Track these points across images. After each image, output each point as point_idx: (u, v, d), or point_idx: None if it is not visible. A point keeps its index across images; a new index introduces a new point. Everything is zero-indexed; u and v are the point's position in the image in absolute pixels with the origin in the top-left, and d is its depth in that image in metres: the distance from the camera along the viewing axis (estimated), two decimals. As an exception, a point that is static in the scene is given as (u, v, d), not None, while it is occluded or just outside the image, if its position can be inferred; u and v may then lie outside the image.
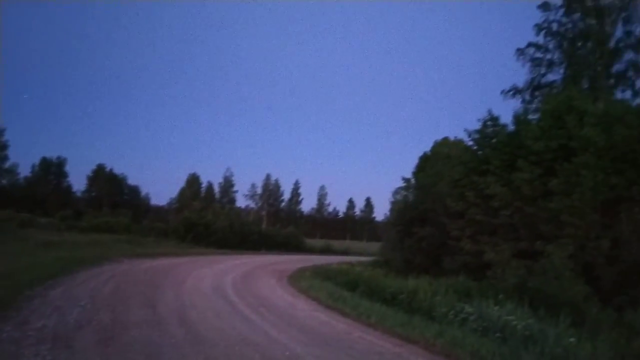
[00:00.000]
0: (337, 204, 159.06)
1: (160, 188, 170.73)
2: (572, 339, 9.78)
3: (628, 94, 26.19)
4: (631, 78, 26.44)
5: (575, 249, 16.34)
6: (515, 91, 28.60)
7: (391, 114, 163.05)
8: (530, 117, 23.14)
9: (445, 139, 35.45)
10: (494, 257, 18.57)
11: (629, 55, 26.53)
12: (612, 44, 26.61)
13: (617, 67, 26.71)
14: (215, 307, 12.45)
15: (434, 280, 17.66)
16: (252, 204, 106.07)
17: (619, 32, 26.63)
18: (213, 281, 17.94)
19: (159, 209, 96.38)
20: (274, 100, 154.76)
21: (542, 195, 18.18)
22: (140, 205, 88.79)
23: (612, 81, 26.73)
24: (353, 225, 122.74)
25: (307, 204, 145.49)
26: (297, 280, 20.21)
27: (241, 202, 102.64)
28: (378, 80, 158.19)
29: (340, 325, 11.31)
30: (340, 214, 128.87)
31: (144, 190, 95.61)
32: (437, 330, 10.53)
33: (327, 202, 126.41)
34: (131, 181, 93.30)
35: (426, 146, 37.48)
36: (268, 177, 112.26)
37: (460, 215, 21.29)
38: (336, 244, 66.44)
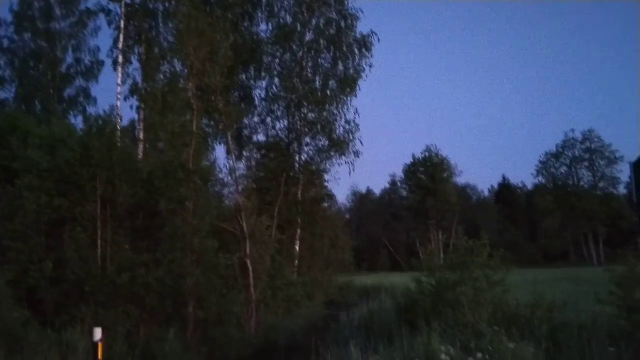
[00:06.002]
0: None
1: None
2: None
3: (80, 119, 27.37)
4: (82, 104, 27.81)
5: (18, 274, 15.72)
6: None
7: None
8: None
9: None
10: None
11: (80, 82, 27.86)
12: (63, 69, 27.38)
13: (69, 92, 27.63)
14: None
15: None
16: None
17: (70, 58, 27.66)
18: None
19: None
20: None
21: (-17, 221, 16.76)
22: None
23: (64, 105, 27.44)
24: None
25: None
26: None
27: None
28: None
29: None
30: None
31: None
32: None
33: None
34: None
35: None
36: None
37: None
38: None
